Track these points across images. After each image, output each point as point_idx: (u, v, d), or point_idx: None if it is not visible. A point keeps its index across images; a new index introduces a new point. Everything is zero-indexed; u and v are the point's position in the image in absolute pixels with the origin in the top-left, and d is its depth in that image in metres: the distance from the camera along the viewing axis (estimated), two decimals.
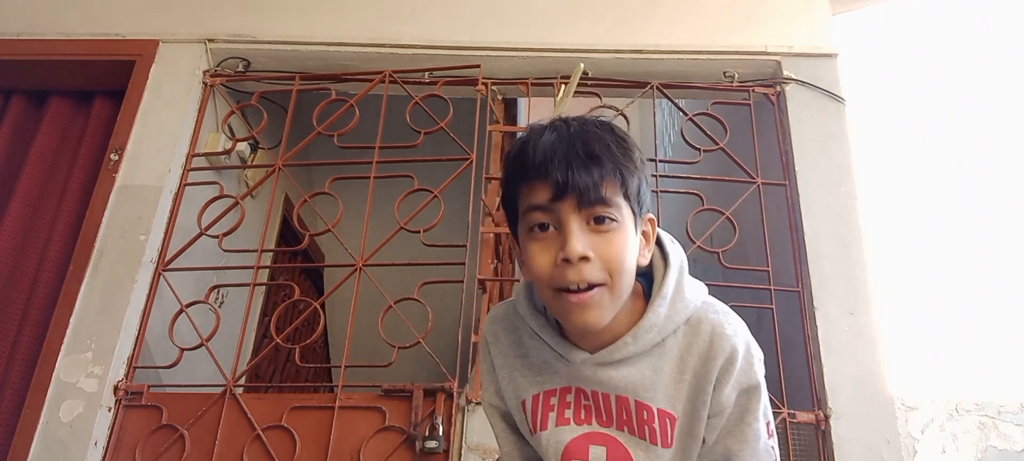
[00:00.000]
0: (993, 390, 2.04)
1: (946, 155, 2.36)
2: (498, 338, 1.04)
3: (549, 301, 0.91)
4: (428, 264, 2.14)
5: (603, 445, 0.96)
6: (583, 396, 0.97)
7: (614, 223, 0.88)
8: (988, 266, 2.20)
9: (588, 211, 0.86)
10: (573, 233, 0.86)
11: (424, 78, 2.42)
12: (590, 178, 0.86)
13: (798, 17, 2.49)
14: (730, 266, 2.16)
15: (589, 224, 0.87)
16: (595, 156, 0.86)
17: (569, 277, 0.86)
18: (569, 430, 0.96)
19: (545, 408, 0.98)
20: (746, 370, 0.93)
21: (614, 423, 0.95)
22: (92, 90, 2.55)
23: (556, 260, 0.86)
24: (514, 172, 0.91)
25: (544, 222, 0.88)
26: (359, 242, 2.19)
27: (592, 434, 0.96)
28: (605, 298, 0.88)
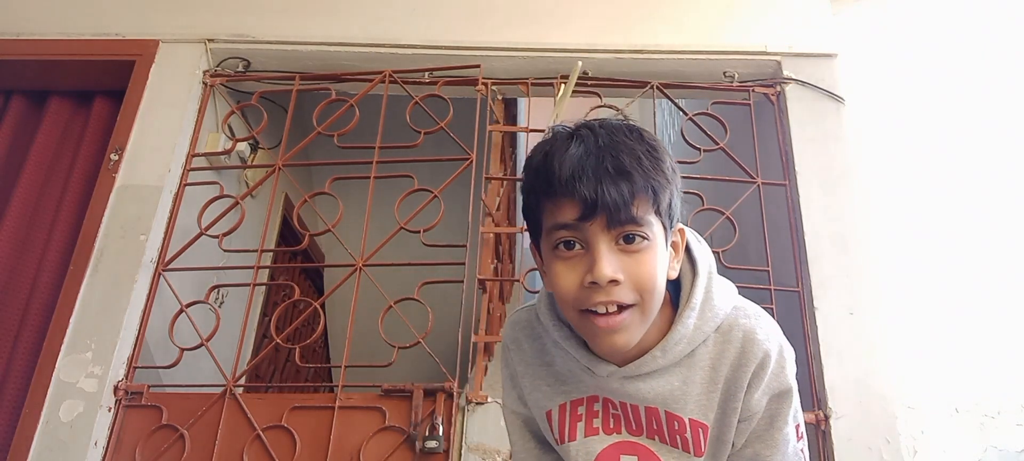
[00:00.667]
0: (993, 390, 2.04)
1: (946, 155, 2.36)
2: (520, 345, 1.01)
3: (574, 321, 0.87)
4: (428, 264, 2.14)
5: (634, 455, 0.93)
6: (611, 406, 0.94)
7: (645, 242, 0.83)
8: (988, 266, 2.20)
9: (618, 230, 0.81)
10: (602, 255, 0.81)
11: (424, 78, 2.42)
12: (620, 196, 0.80)
13: (798, 17, 2.49)
14: (730, 266, 2.16)
15: (618, 243, 0.82)
16: (626, 172, 0.81)
17: (597, 299, 0.82)
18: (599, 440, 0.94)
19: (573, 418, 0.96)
20: (778, 375, 0.91)
21: (644, 432, 0.93)
22: (92, 90, 2.55)
23: (583, 282, 0.82)
24: (538, 186, 0.86)
25: (570, 240, 0.83)
26: (359, 242, 2.19)
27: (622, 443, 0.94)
28: (635, 320, 0.84)
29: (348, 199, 2.28)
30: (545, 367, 0.98)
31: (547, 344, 0.98)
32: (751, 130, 2.33)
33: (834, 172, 2.25)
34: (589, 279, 0.81)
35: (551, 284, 0.87)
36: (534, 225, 0.89)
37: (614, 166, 0.81)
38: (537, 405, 0.99)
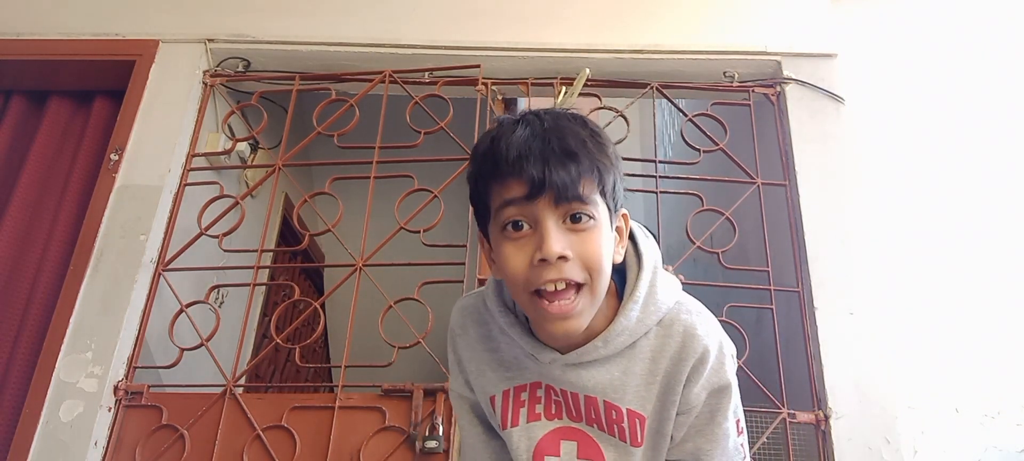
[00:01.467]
0: (993, 390, 2.05)
1: (946, 155, 2.36)
2: (466, 330, 1.03)
3: (525, 305, 0.88)
4: (428, 264, 2.14)
5: (574, 440, 0.95)
6: (553, 393, 0.96)
7: (591, 221, 0.85)
8: (989, 266, 2.20)
9: (565, 208, 0.84)
10: (550, 232, 0.83)
11: (424, 78, 2.42)
12: (568, 175, 0.83)
13: (798, 17, 2.49)
14: (730, 266, 2.16)
15: (565, 222, 0.84)
16: (572, 152, 0.84)
17: (547, 277, 0.83)
18: (540, 426, 0.96)
19: (516, 404, 0.98)
20: (717, 370, 0.92)
21: (583, 419, 0.95)
22: (92, 90, 2.55)
23: (532, 260, 0.84)
24: (485, 169, 0.88)
25: (518, 220, 0.85)
26: (359, 242, 2.19)
27: (563, 429, 0.96)
28: (586, 303, 0.86)
29: (348, 199, 2.27)
30: (490, 353, 1.00)
31: (493, 330, 1.00)
32: (751, 130, 2.33)
33: (834, 172, 2.25)
34: (539, 257, 0.83)
35: (500, 268, 0.88)
36: (482, 211, 0.91)
37: (561, 147, 0.84)
38: (482, 390, 1.00)
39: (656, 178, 2.27)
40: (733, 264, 2.17)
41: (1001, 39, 2.53)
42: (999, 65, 2.49)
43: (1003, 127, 2.40)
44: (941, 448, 1.97)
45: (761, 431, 1.99)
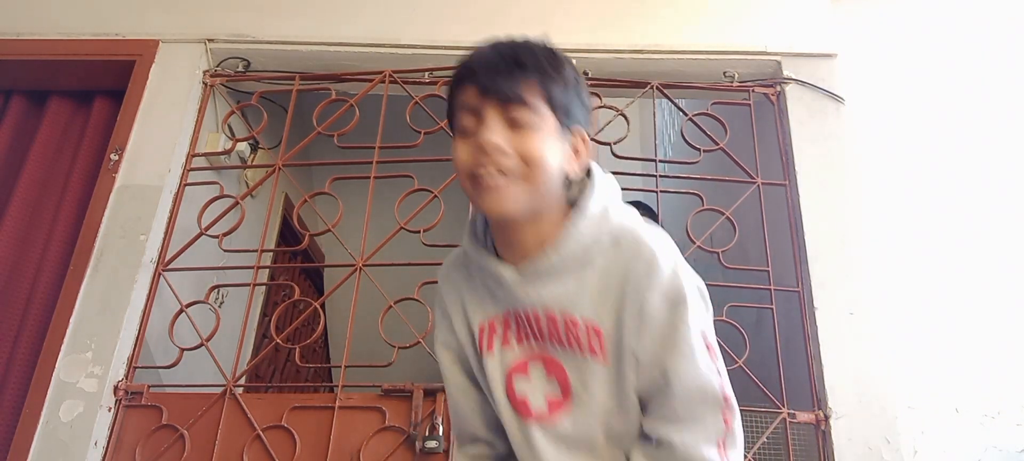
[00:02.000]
0: (993, 390, 2.05)
1: (946, 155, 2.36)
2: (450, 277, 1.10)
3: (469, 193, 0.96)
4: (428, 264, 2.13)
5: (540, 361, 1.01)
6: (519, 320, 1.01)
7: (532, 123, 0.93)
8: (988, 266, 2.20)
9: (506, 107, 0.93)
10: (489, 123, 0.93)
11: (424, 78, 2.42)
12: (512, 78, 0.92)
13: (798, 17, 2.49)
14: (730, 266, 2.16)
15: (508, 120, 0.93)
16: (521, 63, 0.93)
17: (481, 161, 0.92)
18: (511, 351, 1.02)
19: (491, 334, 1.04)
20: (672, 280, 0.94)
21: (547, 339, 1.00)
22: (92, 90, 2.55)
23: (472, 151, 0.94)
24: (453, 85, 0.99)
25: (467, 120, 0.95)
26: (359, 242, 2.19)
27: (531, 353, 1.02)
28: (518, 189, 0.93)
29: (348, 199, 2.27)
30: (470, 291, 1.07)
31: (471, 270, 1.07)
32: (751, 130, 2.33)
33: (834, 172, 2.25)
34: (476, 143, 0.93)
35: (454, 165, 0.99)
36: (450, 119, 1.02)
37: (512, 57, 0.94)
38: (463, 330, 1.07)
39: (656, 177, 2.27)
40: (733, 264, 2.17)
41: (1001, 39, 2.53)
42: (999, 65, 2.49)
43: (1003, 127, 2.40)
44: (941, 448, 1.97)
45: (761, 431, 1.99)
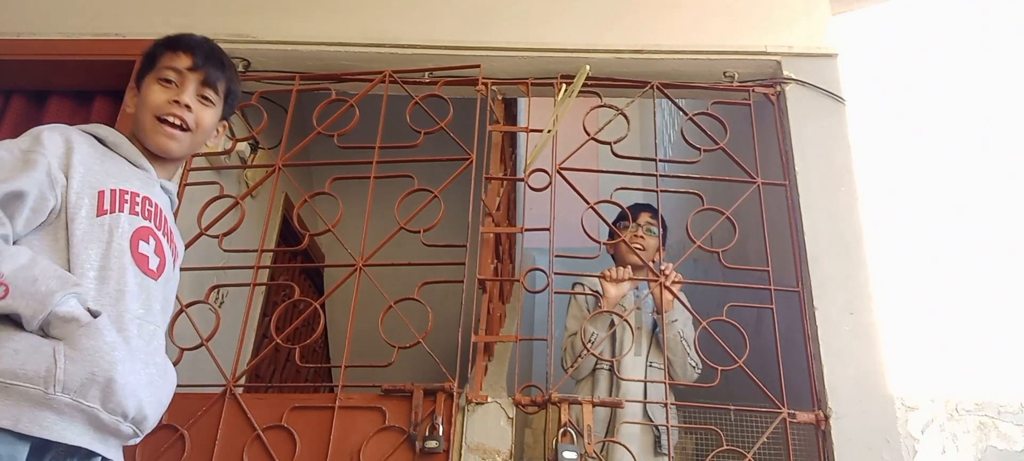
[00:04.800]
0: (993, 390, 2.05)
1: (946, 155, 2.36)
2: (80, 144, 1.32)
3: (147, 124, 1.39)
4: (428, 264, 2.14)
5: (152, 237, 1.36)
6: (148, 202, 1.37)
7: (212, 105, 1.46)
8: (988, 266, 2.20)
9: (205, 87, 1.43)
10: (190, 90, 1.42)
11: (424, 78, 2.42)
12: (219, 70, 1.45)
13: (798, 17, 2.49)
14: (730, 266, 2.16)
15: (199, 94, 1.43)
16: (224, 64, 1.48)
17: (174, 111, 1.39)
18: (139, 219, 1.33)
19: (122, 199, 1.31)
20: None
21: (157, 223, 1.38)
22: (92, 90, 2.55)
23: (169, 100, 1.39)
24: (168, 44, 1.43)
25: (172, 78, 1.41)
26: (359, 242, 2.19)
27: (149, 228, 1.36)
28: (186, 140, 1.43)
29: (348, 199, 2.27)
30: (101, 163, 1.33)
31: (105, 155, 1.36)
32: (751, 130, 2.33)
33: (834, 172, 2.24)
34: (176, 97, 1.40)
35: (142, 100, 1.41)
36: (148, 65, 1.44)
37: (220, 57, 1.49)
38: (89, 183, 1.28)
39: (656, 177, 2.27)
40: (733, 264, 2.17)
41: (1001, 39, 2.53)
42: (999, 65, 2.49)
43: (1003, 127, 2.40)
44: (941, 448, 1.97)
45: (761, 431, 1.99)
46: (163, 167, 1.45)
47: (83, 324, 1.16)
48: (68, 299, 1.16)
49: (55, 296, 1.14)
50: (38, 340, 1.14)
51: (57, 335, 1.14)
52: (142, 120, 1.39)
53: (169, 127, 1.38)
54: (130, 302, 1.26)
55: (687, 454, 2.64)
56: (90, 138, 1.36)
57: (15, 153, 1.24)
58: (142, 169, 1.40)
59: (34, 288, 1.13)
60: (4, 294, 1.11)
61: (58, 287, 1.16)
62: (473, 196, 2.25)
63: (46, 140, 1.26)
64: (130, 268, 1.27)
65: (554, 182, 2.25)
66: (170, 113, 1.38)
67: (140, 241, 1.31)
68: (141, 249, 1.30)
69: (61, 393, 1.11)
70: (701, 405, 2.11)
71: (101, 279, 1.24)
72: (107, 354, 1.17)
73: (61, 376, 1.11)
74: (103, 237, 1.26)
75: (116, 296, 1.24)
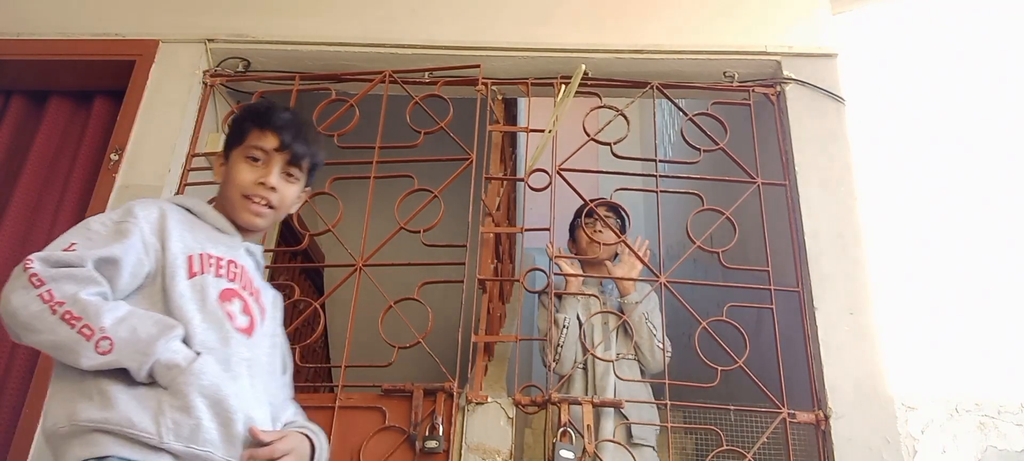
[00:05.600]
0: (993, 390, 2.05)
1: (946, 155, 2.36)
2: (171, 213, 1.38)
3: (235, 201, 1.42)
4: (428, 264, 2.14)
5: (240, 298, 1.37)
6: (233, 265, 1.40)
7: (296, 181, 1.48)
8: (988, 266, 2.20)
9: (290, 166, 1.45)
10: (276, 172, 1.43)
11: (424, 78, 2.42)
12: (304, 150, 1.46)
13: (798, 17, 2.49)
14: (730, 266, 2.16)
15: (284, 172, 1.44)
16: (308, 141, 1.47)
17: (260, 193, 1.42)
18: (224, 282, 1.36)
19: (206, 262, 1.35)
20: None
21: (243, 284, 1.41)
22: (92, 90, 2.55)
23: (255, 180, 1.42)
24: (255, 118, 1.45)
25: (259, 156, 1.43)
26: (359, 242, 2.19)
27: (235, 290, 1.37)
28: (271, 217, 1.45)
29: (348, 199, 2.27)
30: (190, 231, 1.38)
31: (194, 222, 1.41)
32: (751, 130, 2.33)
33: (834, 172, 2.24)
34: (262, 179, 1.42)
35: (229, 175, 1.44)
36: (236, 138, 1.46)
37: (305, 134, 1.48)
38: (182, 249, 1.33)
39: (656, 177, 2.27)
40: (733, 264, 2.17)
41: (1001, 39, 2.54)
42: (999, 65, 2.49)
43: (1003, 127, 2.41)
44: (941, 448, 1.97)
45: (761, 431, 1.99)
46: (247, 234, 1.48)
47: (183, 369, 1.18)
48: (169, 343, 1.19)
49: (157, 344, 1.18)
50: (144, 392, 1.17)
51: (163, 383, 1.17)
52: (230, 195, 1.43)
53: (255, 205, 1.42)
54: (235, 346, 1.28)
55: (687, 454, 2.64)
56: (179, 208, 1.41)
57: (108, 225, 1.31)
58: (226, 234, 1.43)
59: (135, 337, 1.17)
60: (109, 349, 1.15)
61: (158, 333, 1.19)
62: (473, 196, 2.25)
63: (139, 211, 1.33)
64: (225, 322, 1.30)
65: (554, 182, 2.25)
66: (256, 194, 1.41)
67: (226, 301, 1.33)
68: (229, 308, 1.32)
69: (174, 441, 1.15)
70: (701, 405, 2.11)
71: (207, 326, 1.27)
72: (213, 393, 1.19)
73: (170, 425, 1.15)
74: (198, 296, 1.29)
75: (223, 340, 1.27)
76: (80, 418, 1.13)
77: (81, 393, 1.16)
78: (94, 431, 1.13)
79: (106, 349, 1.15)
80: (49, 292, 1.16)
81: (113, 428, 1.13)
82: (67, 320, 1.15)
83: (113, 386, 1.16)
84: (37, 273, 1.18)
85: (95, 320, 1.16)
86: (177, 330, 1.22)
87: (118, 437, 1.13)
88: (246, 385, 1.27)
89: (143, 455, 1.13)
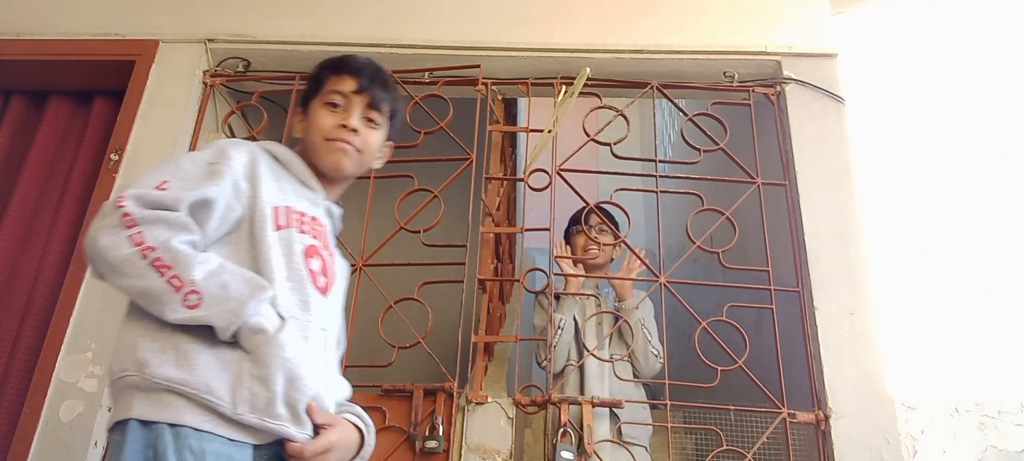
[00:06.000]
0: (993, 390, 2.05)
1: (946, 155, 2.36)
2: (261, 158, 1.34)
3: (318, 146, 1.37)
4: (428, 264, 2.14)
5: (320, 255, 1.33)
6: (317, 221, 1.36)
7: (377, 126, 1.42)
8: (988, 266, 2.20)
9: (370, 110, 1.40)
10: (356, 114, 1.38)
11: (424, 78, 2.42)
12: (383, 92, 1.40)
13: (798, 17, 2.49)
14: (730, 266, 2.16)
15: (365, 117, 1.39)
16: (389, 86, 1.43)
17: (342, 134, 1.36)
18: (308, 238, 1.30)
19: (290, 216, 1.30)
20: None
21: (326, 243, 1.37)
22: (92, 90, 2.55)
23: (336, 124, 1.37)
24: (332, 67, 1.41)
25: (338, 102, 1.38)
26: (359, 242, 2.19)
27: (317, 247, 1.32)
28: (354, 158, 1.39)
29: (348, 199, 2.26)
30: (276, 180, 1.33)
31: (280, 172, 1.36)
32: (751, 130, 2.33)
33: (834, 172, 2.24)
34: (343, 122, 1.37)
35: (311, 124, 1.39)
36: (313, 89, 1.42)
37: (384, 78, 1.43)
38: (268, 198, 1.28)
39: (656, 178, 2.27)
40: (733, 264, 2.17)
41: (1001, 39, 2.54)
42: (999, 65, 2.49)
43: (1003, 127, 2.40)
44: (941, 448, 1.97)
45: (761, 431, 1.99)
46: (331, 188, 1.42)
47: (269, 337, 1.13)
48: (260, 306, 1.14)
49: (248, 304, 1.12)
50: (226, 354, 1.11)
51: (246, 346, 1.12)
52: (314, 142, 1.37)
53: (339, 143, 1.35)
54: (314, 313, 1.24)
55: (687, 454, 2.64)
56: (267, 154, 1.35)
57: (200, 164, 1.24)
58: (310, 189, 1.38)
59: (225, 294, 1.11)
60: (197, 303, 1.09)
61: (250, 293, 1.13)
62: (473, 196, 2.25)
63: (232, 151, 1.27)
64: (308, 282, 1.25)
65: (554, 182, 2.25)
66: (339, 137, 1.35)
67: (309, 258, 1.27)
68: (311, 265, 1.27)
69: (248, 412, 1.09)
70: (701, 405, 2.11)
71: (290, 288, 1.22)
72: (292, 369, 1.13)
73: (247, 395, 1.10)
74: (284, 249, 1.24)
75: (303, 306, 1.22)
76: (153, 373, 1.07)
77: (157, 343, 1.10)
78: (167, 391, 1.07)
79: (194, 303, 1.09)
80: (140, 234, 1.10)
81: (189, 392, 1.07)
82: (157, 267, 1.09)
83: (193, 344, 1.10)
84: (130, 212, 1.11)
85: (186, 271, 1.09)
86: (268, 292, 1.16)
87: (193, 402, 1.07)
88: (320, 359, 1.23)
89: (215, 426, 1.08)
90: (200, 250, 1.16)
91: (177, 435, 1.05)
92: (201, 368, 1.08)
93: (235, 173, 1.24)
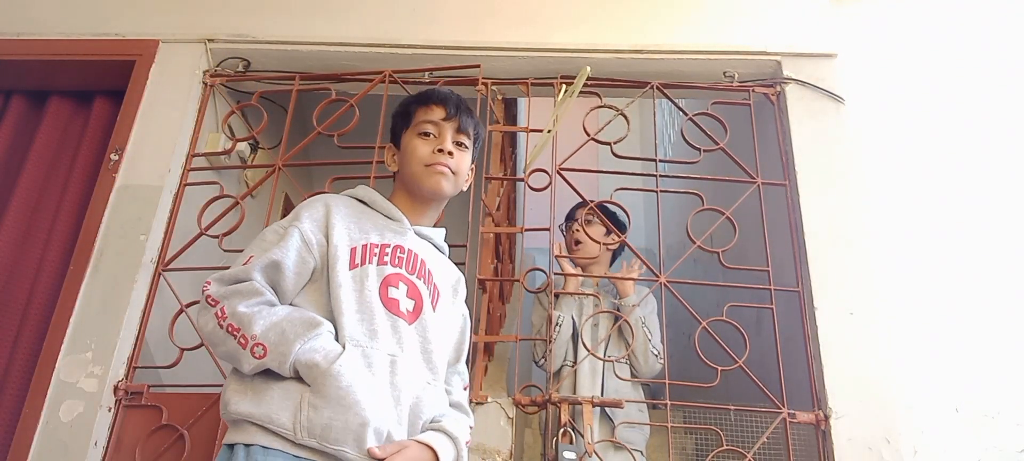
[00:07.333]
0: (993, 390, 2.04)
1: (946, 155, 2.35)
2: (339, 205, 1.47)
3: (418, 173, 1.48)
4: None
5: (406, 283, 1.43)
6: (399, 250, 1.45)
7: (466, 150, 1.53)
8: (989, 266, 2.20)
9: (459, 134, 1.51)
10: (448, 140, 1.50)
11: (424, 78, 2.42)
12: (469, 120, 1.53)
13: (798, 17, 2.49)
14: (730, 266, 2.16)
15: (455, 141, 1.51)
16: (471, 112, 1.55)
17: (439, 159, 1.47)
18: (390, 269, 1.41)
19: (370, 252, 1.41)
20: (465, 298, 1.59)
21: (416, 273, 1.46)
22: (92, 90, 2.55)
23: (433, 150, 1.48)
24: (419, 101, 1.54)
25: (429, 131, 1.50)
26: None
27: (402, 275, 1.43)
28: (451, 180, 1.49)
29: None
30: (357, 222, 1.45)
31: (362, 212, 1.49)
32: (751, 130, 2.33)
33: (834, 172, 2.25)
34: (438, 147, 1.48)
35: (407, 154, 1.51)
36: (403, 123, 1.54)
37: (467, 105, 1.55)
38: (345, 242, 1.41)
39: (656, 177, 2.27)
40: (733, 264, 2.17)
41: (1001, 39, 2.53)
42: (999, 65, 2.49)
43: (1003, 127, 2.40)
44: (941, 448, 1.97)
45: (761, 431, 1.99)
46: (423, 214, 1.54)
47: (323, 370, 1.25)
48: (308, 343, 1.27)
49: (294, 345, 1.26)
50: (291, 387, 1.26)
51: (306, 379, 1.26)
52: (413, 170, 1.48)
53: (438, 166, 1.47)
54: (383, 341, 1.33)
55: (687, 454, 2.64)
56: (350, 200, 1.51)
57: (278, 230, 1.41)
58: (395, 220, 1.49)
59: (282, 340, 1.26)
60: (263, 354, 1.26)
61: (302, 332, 1.27)
62: (473, 196, 2.25)
63: (303, 211, 1.43)
64: (379, 312, 1.35)
65: (554, 182, 2.25)
66: (437, 162, 1.47)
67: (389, 287, 1.39)
68: (390, 294, 1.38)
69: (307, 438, 1.23)
70: (701, 405, 2.11)
71: (359, 319, 1.34)
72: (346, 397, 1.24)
73: (305, 422, 1.23)
74: (356, 286, 1.36)
75: (370, 334, 1.33)
76: (234, 410, 1.27)
77: (240, 385, 1.29)
78: (244, 421, 1.26)
79: (260, 354, 1.26)
80: (222, 310, 1.30)
81: (257, 421, 1.24)
82: (231, 332, 1.28)
83: (265, 383, 1.27)
84: (211, 294, 1.33)
85: (248, 329, 1.27)
86: (319, 327, 1.29)
87: (261, 428, 1.24)
88: (385, 384, 1.31)
89: (284, 446, 1.23)
90: (283, 303, 1.35)
91: (249, 452, 1.24)
92: (267, 402, 1.25)
93: (302, 230, 1.39)
